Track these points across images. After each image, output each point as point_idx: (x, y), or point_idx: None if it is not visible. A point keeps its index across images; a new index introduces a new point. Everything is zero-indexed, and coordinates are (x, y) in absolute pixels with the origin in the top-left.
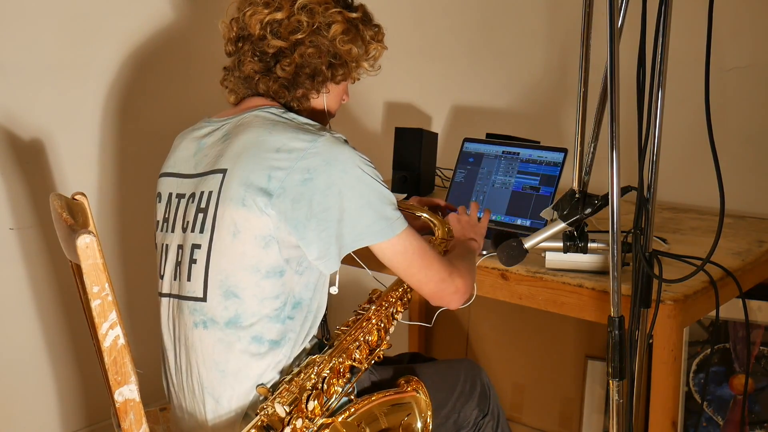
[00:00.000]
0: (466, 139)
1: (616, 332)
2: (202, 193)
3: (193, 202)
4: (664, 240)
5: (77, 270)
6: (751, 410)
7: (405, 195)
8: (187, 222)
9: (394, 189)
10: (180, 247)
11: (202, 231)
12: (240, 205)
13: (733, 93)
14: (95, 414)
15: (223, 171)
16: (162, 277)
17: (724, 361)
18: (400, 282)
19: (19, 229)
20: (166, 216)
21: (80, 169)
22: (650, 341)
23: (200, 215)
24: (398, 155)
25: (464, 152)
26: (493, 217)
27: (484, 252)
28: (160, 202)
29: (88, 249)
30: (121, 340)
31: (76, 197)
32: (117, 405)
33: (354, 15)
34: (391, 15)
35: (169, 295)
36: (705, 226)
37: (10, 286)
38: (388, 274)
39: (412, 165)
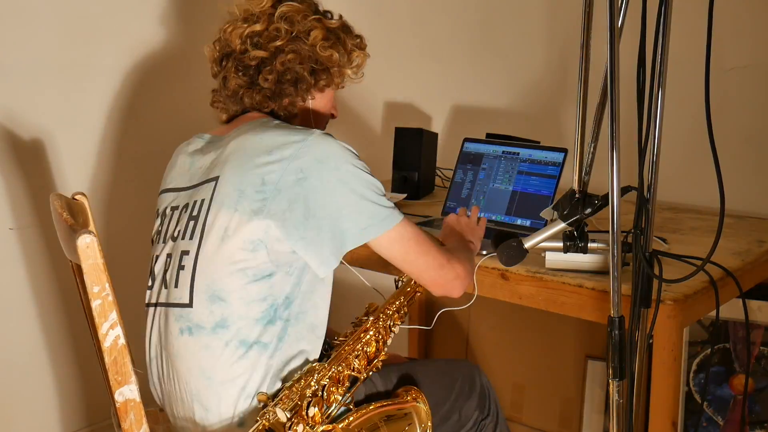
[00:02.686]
0: (466, 139)
1: (616, 332)
2: (195, 202)
3: (186, 211)
4: (664, 240)
5: (77, 270)
6: (751, 410)
7: (405, 195)
8: (179, 231)
9: (394, 189)
10: (169, 256)
11: (191, 237)
12: (232, 210)
13: (733, 93)
14: (95, 414)
15: (216, 178)
16: (150, 288)
17: (724, 361)
18: (397, 294)
19: (19, 228)
20: (159, 229)
21: (80, 168)
22: (650, 341)
23: (191, 222)
24: (398, 155)
25: (464, 152)
26: (493, 217)
27: (484, 252)
28: (157, 218)
29: (89, 249)
30: (122, 340)
31: (77, 197)
32: (117, 405)
33: (333, 24)
34: (391, 15)
35: (156, 305)
36: (705, 226)
37: (10, 286)
38: (388, 276)
39: (412, 165)
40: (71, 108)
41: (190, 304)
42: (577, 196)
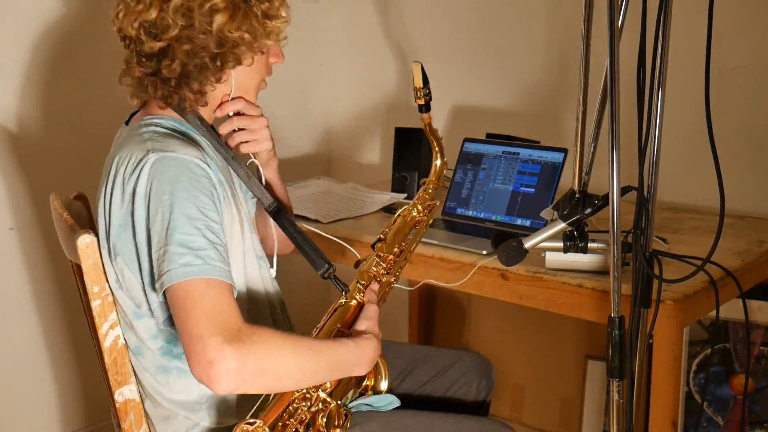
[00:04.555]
0: (466, 139)
1: (616, 332)
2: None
3: None
4: (664, 240)
5: (77, 270)
6: (751, 410)
7: (405, 195)
8: None
9: (394, 189)
10: None
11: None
12: (103, 247)
13: (733, 93)
14: (95, 414)
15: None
16: None
17: (724, 361)
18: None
19: (19, 228)
20: None
21: (80, 169)
22: (650, 341)
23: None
24: (398, 155)
25: (464, 152)
26: (493, 217)
27: (484, 252)
28: None
29: (89, 249)
30: (122, 340)
31: (77, 197)
32: (117, 405)
33: None
34: (391, 15)
35: None
36: (705, 226)
37: (10, 286)
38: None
39: (412, 165)
40: (71, 107)
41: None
42: (577, 196)
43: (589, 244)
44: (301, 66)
